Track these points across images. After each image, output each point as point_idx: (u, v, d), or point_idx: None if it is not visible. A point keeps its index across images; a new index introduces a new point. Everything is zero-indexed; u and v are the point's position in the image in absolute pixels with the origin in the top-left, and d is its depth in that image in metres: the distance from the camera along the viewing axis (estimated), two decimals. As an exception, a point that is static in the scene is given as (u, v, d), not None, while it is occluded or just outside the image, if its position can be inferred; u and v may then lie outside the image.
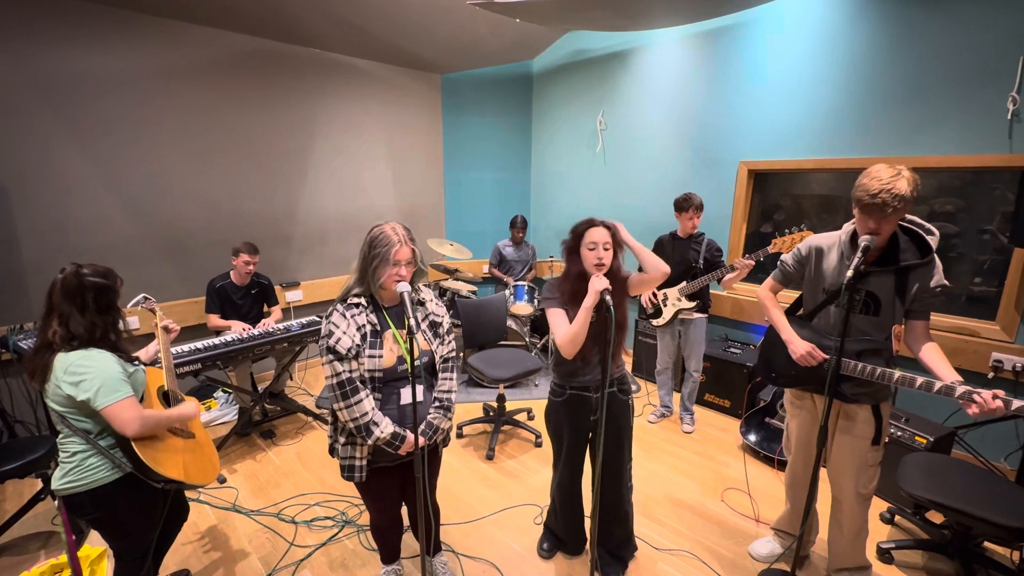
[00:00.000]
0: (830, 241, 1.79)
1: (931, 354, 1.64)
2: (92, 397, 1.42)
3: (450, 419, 1.74)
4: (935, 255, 1.63)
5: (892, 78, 2.90)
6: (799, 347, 1.78)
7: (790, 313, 1.96)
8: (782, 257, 1.96)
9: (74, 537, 1.68)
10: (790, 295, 2.05)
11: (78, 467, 1.49)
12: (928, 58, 2.77)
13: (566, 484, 2.06)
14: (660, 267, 1.80)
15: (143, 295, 1.89)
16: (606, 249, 1.72)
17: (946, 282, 1.64)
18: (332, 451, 1.68)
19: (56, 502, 1.49)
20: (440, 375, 1.71)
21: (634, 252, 1.83)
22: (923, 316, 1.68)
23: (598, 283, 1.62)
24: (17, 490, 2.68)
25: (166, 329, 1.88)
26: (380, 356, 1.57)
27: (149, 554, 1.69)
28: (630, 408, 1.97)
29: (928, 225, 1.66)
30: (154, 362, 1.88)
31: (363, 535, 2.33)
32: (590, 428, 1.95)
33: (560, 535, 2.20)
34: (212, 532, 2.37)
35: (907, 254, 1.63)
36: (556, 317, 1.82)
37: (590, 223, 1.77)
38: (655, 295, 3.22)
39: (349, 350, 1.52)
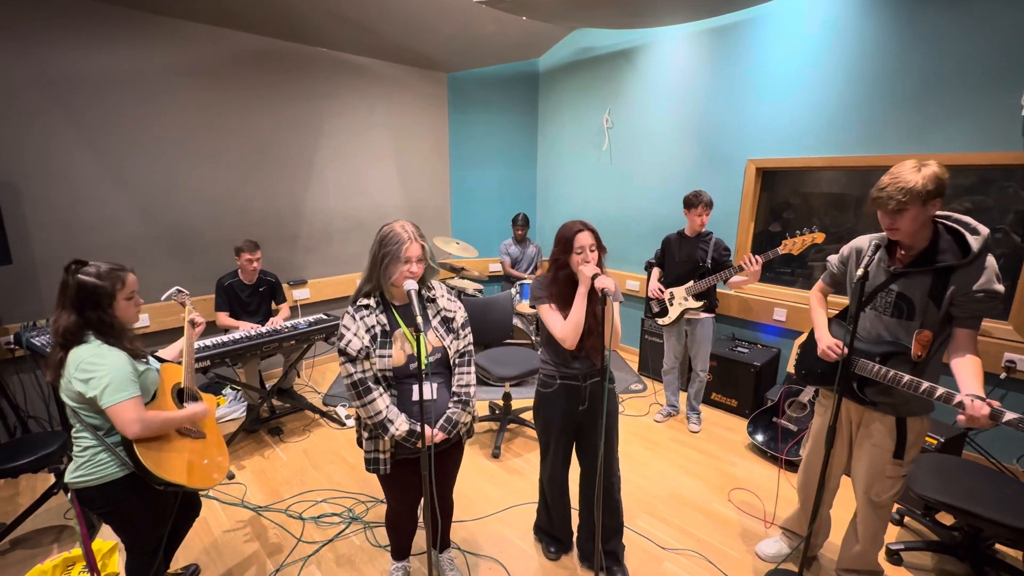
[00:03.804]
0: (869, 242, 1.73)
1: (962, 365, 1.50)
2: (99, 394, 1.43)
3: (470, 412, 1.77)
4: (987, 256, 1.48)
5: (902, 75, 2.87)
6: (823, 341, 1.78)
7: (840, 318, 1.90)
8: (828, 259, 1.92)
9: (87, 530, 1.70)
10: (842, 300, 1.95)
11: (89, 462, 1.51)
12: (939, 54, 2.73)
13: (558, 476, 2.06)
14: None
15: (176, 288, 1.90)
16: (592, 251, 1.77)
17: (996, 287, 1.45)
18: (360, 443, 1.73)
19: (69, 495, 1.51)
20: (457, 370, 1.72)
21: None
22: (967, 324, 1.52)
23: (587, 269, 1.70)
24: (31, 485, 2.72)
25: (192, 323, 1.88)
26: (390, 356, 1.59)
27: (160, 548, 1.71)
28: (616, 396, 2.02)
29: (974, 223, 1.51)
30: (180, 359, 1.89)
31: (370, 532, 2.34)
32: (578, 418, 1.95)
33: (554, 532, 2.19)
34: (221, 528, 2.39)
35: (946, 255, 1.52)
36: (550, 313, 1.86)
37: (577, 228, 1.79)
38: (662, 291, 3.21)
39: (359, 352, 1.56)
